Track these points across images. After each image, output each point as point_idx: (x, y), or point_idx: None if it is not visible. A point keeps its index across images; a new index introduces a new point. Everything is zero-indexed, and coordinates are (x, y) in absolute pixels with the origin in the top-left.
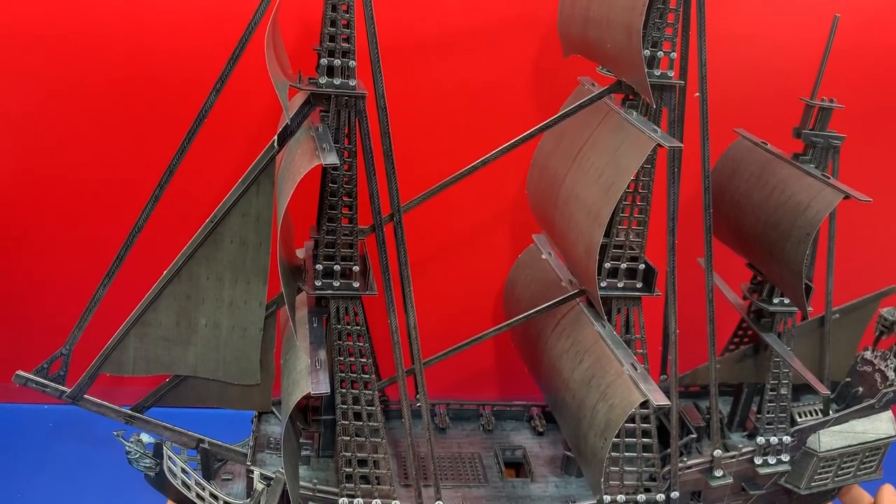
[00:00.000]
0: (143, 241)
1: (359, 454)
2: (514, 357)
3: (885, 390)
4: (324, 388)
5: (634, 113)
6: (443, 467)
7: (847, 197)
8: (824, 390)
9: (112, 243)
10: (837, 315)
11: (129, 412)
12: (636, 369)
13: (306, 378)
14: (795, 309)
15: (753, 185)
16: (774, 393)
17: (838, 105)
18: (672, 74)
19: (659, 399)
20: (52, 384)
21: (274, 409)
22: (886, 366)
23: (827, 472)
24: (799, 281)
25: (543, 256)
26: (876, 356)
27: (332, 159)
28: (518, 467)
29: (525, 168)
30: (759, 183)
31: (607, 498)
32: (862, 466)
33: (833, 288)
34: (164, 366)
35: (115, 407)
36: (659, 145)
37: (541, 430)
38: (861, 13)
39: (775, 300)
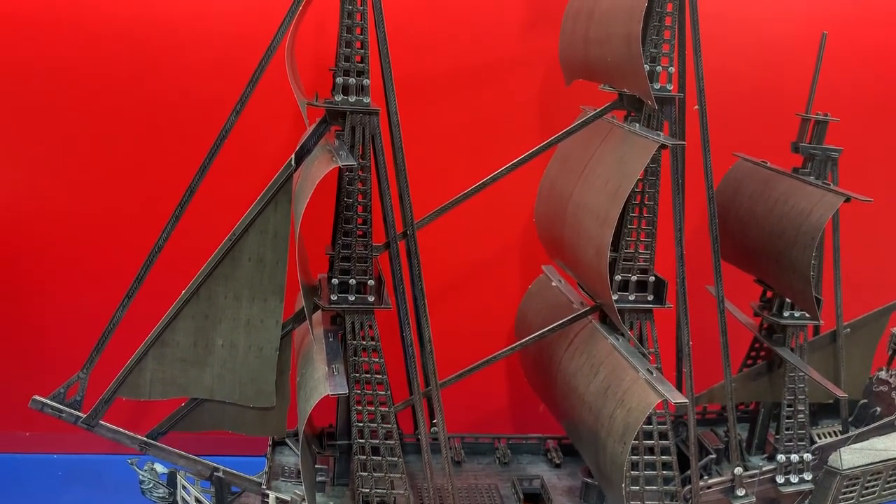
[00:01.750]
0: (161, 264)
1: (375, 474)
2: (527, 396)
3: None
4: (342, 388)
5: (637, 125)
6: (459, 497)
7: (848, 199)
8: (841, 393)
9: (130, 265)
10: (848, 329)
11: (144, 439)
12: (652, 374)
13: (324, 383)
14: (807, 322)
15: (756, 200)
16: (791, 409)
17: (833, 118)
18: (671, 88)
19: (676, 398)
20: (68, 409)
21: (288, 441)
22: None
23: (851, 492)
24: (808, 285)
25: (553, 284)
26: (891, 375)
27: (349, 161)
28: (536, 499)
29: (530, 204)
30: (761, 198)
31: None
32: (886, 486)
33: (842, 301)
34: (181, 388)
35: (130, 433)
36: (662, 146)
37: (558, 461)
38: (854, 24)
39: (786, 314)
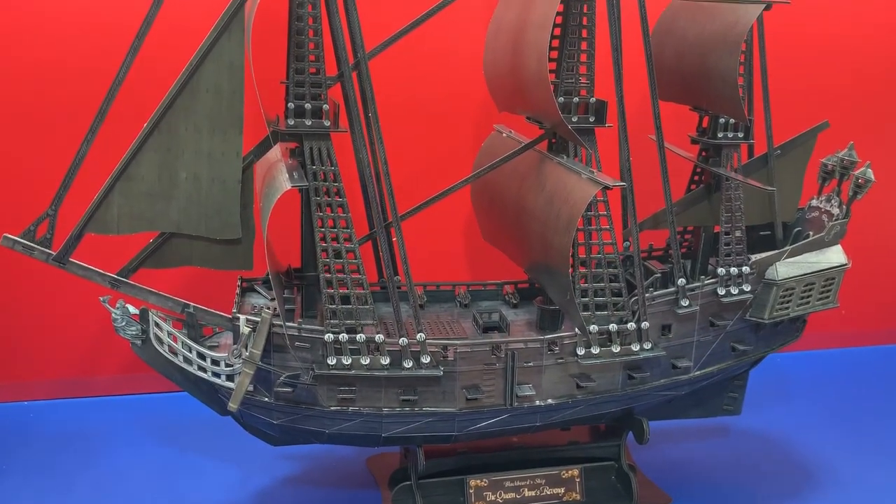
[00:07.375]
0: (123, 98)
1: (341, 292)
2: (486, 260)
3: (832, 223)
4: (302, 182)
5: None
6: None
7: (768, 7)
8: (771, 188)
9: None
10: (779, 151)
11: (115, 276)
12: (593, 173)
13: (286, 183)
14: (740, 141)
15: (688, 28)
16: (729, 225)
17: None
18: None
19: (616, 182)
20: (39, 247)
21: (257, 287)
22: (831, 205)
23: (788, 301)
24: (735, 91)
25: (504, 135)
26: (821, 201)
27: None
28: (495, 331)
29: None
30: (693, 25)
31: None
32: (820, 295)
33: (772, 123)
34: (149, 222)
35: (100, 271)
36: None
37: (515, 302)
38: None
39: (720, 135)
